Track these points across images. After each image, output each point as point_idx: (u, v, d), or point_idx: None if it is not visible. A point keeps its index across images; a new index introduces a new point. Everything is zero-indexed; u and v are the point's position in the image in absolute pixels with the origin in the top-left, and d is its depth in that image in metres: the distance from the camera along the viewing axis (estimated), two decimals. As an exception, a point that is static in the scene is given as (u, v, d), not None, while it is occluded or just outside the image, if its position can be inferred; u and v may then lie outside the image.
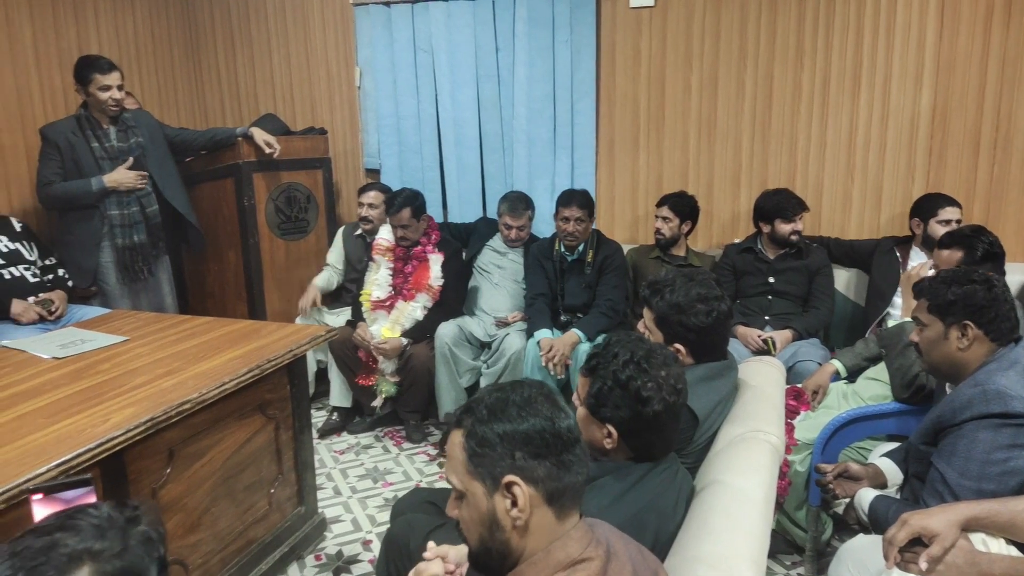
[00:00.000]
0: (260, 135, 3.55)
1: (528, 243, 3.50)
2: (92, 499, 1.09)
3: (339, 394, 3.50)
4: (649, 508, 1.39)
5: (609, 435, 1.42)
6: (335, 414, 3.52)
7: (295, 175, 3.82)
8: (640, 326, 1.91)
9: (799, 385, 2.56)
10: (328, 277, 3.77)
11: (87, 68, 3.13)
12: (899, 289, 2.85)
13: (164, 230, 3.43)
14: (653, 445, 1.43)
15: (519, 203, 3.44)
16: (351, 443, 3.38)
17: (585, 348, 3.02)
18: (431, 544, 1.29)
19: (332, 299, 3.83)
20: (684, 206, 3.31)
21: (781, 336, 2.94)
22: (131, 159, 3.20)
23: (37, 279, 3.06)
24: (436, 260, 3.41)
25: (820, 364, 2.71)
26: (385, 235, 3.49)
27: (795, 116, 3.41)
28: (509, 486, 1.05)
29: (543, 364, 3.01)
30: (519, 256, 3.51)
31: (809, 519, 2.28)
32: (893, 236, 3.15)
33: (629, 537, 1.20)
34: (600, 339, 2.93)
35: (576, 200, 3.21)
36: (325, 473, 3.06)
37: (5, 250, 3.02)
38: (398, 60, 3.96)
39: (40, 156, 3.20)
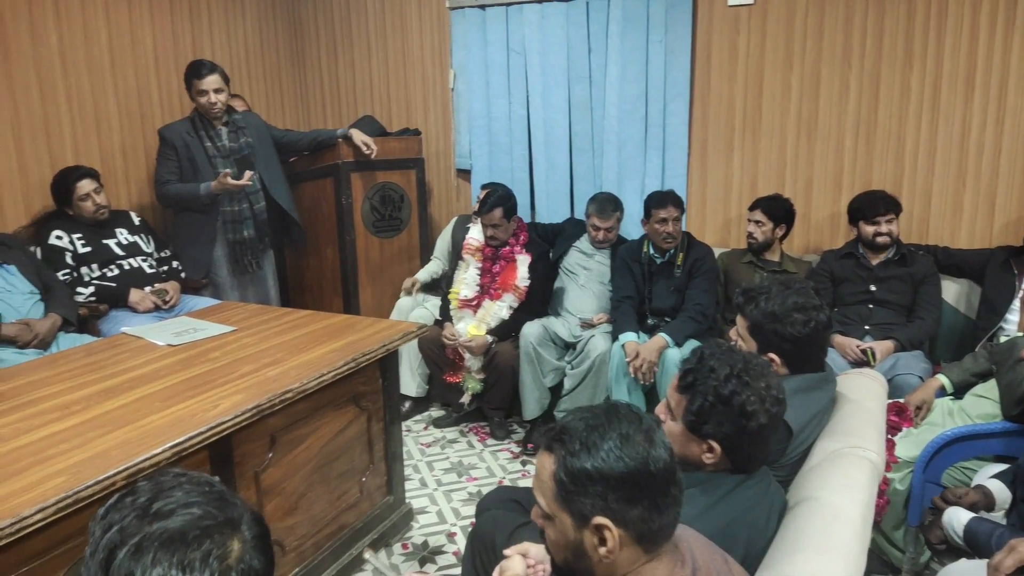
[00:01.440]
0: (359, 136, 3.68)
1: (616, 245, 3.49)
2: None
3: (409, 383, 3.61)
4: (740, 521, 1.36)
5: (711, 451, 1.40)
6: (406, 403, 3.62)
7: (390, 175, 3.94)
8: (732, 334, 1.88)
9: (901, 400, 2.45)
10: (433, 269, 3.86)
11: (189, 74, 3.34)
12: (1015, 304, 2.68)
13: (270, 226, 3.61)
14: (753, 458, 1.41)
15: (607, 204, 3.43)
16: (437, 437, 3.46)
17: (673, 353, 2.98)
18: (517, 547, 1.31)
19: (432, 288, 3.94)
20: (778, 209, 3.21)
21: (882, 347, 2.81)
22: (230, 171, 3.37)
23: (153, 270, 3.28)
24: (523, 261, 3.44)
25: (923, 378, 2.58)
26: (475, 235, 3.55)
27: (902, 118, 3.25)
28: (599, 527, 1.04)
29: (629, 371, 3.00)
30: (606, 258, 3.50)
31: (907, 540, 2.18)
32: (1008, 246, 2.95)
33: (715, 546, 1.19)
34: (688, 348, 2.92)
35: (670, 200, 3.18)
36: (412, 465, 3.15)
37: (125, 242, 3.25)
38: (491, 62, 4.02)
39: (158, 156, 3.43)
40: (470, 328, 3.38)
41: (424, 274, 3.86)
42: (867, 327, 2.95)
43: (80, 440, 1.65)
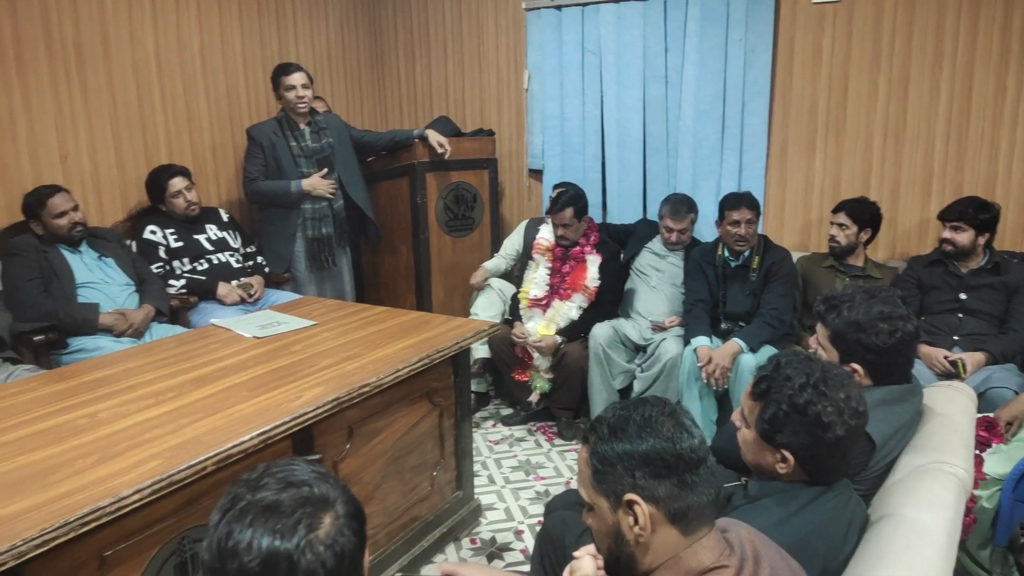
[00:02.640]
0: (434, 137, 3.75)
1: (689, 247, 3.44)
2: None
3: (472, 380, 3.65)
4: (817, 534, 1.33)
5: (784, 460, 1.37)
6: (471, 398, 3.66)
7: (464, 175, 4.00)
8: (812, 342, 1.83)
9: (991, 415, 2.33)
10: (498, 263, 3.90)
11: (277, 72, 3.49)
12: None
13: (347, 224, 3.72)
14: (831, 470, 1.37)
15: (681, 205, 3.38)
16: (505, 434, 3.49)
17: (747, 359, 2.92)
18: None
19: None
20: (863, 212, 3.11)
21: (972, 359, 2.68)
22: (326, 170, 3.50)
23: (239, 265, 3.43)
24: (594, 261, 3.43)
25: (1017, 392, 2.45)
26: (545, 235, 3.56)
27: (997, 121, 3.09)
28: (630, 504, 1.08)
29: (701, 376, 2.96)
30: (679, 260, 3.45)
31: (994, 560, 2.08)
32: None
33: (769, 540, 1.17)
34: (763, 354, 2.86)
35: (745, 201, 3.12)
36: (480, 461, 3.19)
37: (214, 237, 3.41)
38: (566, 62, 4.03)
39: (246, 154, 3.58)
40: (539, 328, 3.40)
41: (491, 264, 3.87)
42: (956, 337, 2.82)
43: (173, 426, 1.74)
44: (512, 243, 3.95)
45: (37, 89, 3.06)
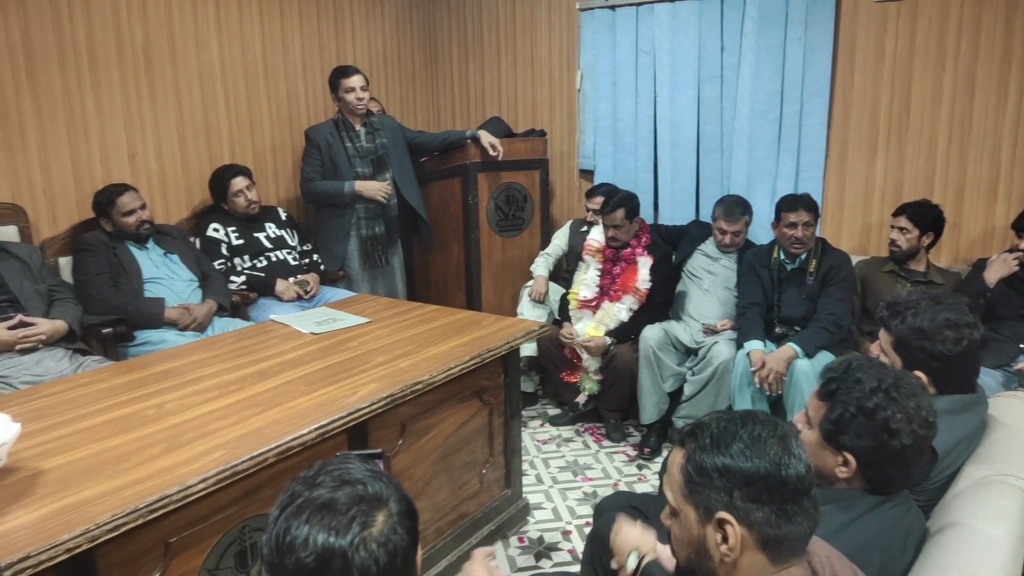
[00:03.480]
0: (486, 138, 3.78)
1: (743, 249, 3.39)
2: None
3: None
4: (874, 544, 1.31)
5: (845, 463, 1.35)
6: None
7: (515, 175, 4.02)
8: (874, 348, 1.79)
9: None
10: (546, 263, 3.91)
11: (336, 75, 3.56)
12: None
13: (400, 224, 3.78)
14: (892, 479, 1.34)
15: (736, 207, 3.34)
16: (553, 434, 3.50)
17: (802, 364, 2.87)
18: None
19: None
20: (926, 216, 3.01)
21: (1039, 369, 2.58)
22: (377, 179, 3.56)
23: (296, 262, 3.52)
24: (645, 263, 3.41)
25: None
26: (596, 236, 3.56)
27: (1073, 120, 2.97)
28: (721, 523, 1.04)
29: (753, 381, 2.91)
30: (732, 262, 3.41)
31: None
32: None
33: (844, 558, 1.15)
34: (819, 360, 2.80)
35: (802, 203, 3.05)
36: (528, 461, 3.21)
37: (273, 235, 3.50)
38: (619, 62, 4.01)
39: (304, 155, 3.67)
40: (588, 329, 3.40)
41: (541, 268, 3.88)
42: (1022, 346, 2.72)
43: (236, 418, 1.81)
44: (558, 242, 3.96)
45: (108, 92, 3.19)
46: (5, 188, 2.91)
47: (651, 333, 3.27)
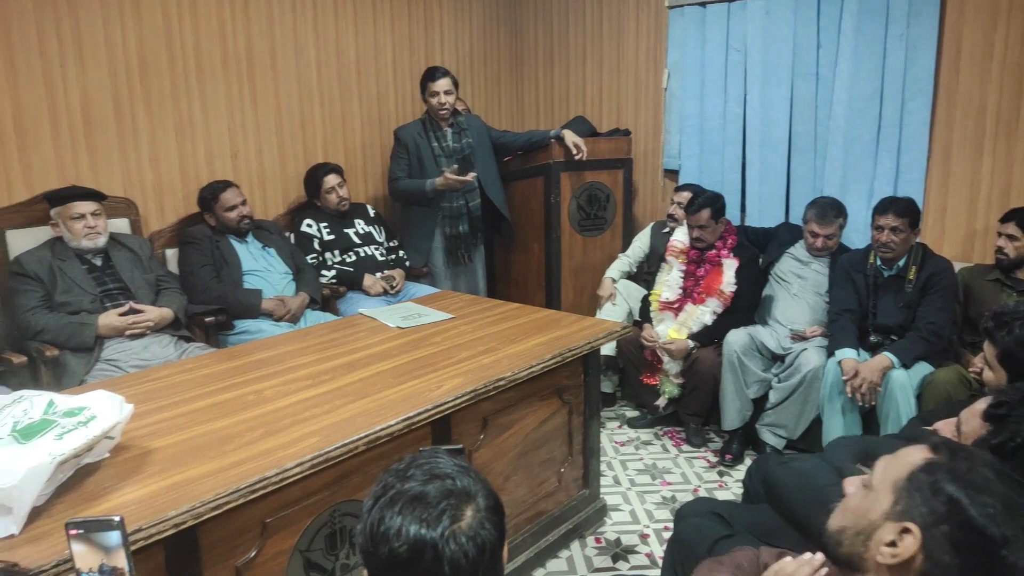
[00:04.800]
0: (570, 137, 3.79)
1: (836, 253, 3.27)
2: None
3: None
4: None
5: None
6: None
7: (598, 175, 4.01)
8: (978, 361, 1.70)
9: None
10: (622, 266, 3.89)
11: (424, 77, 3.65)
12: None
13: (483, 222, 3.84)
14: None
15: (829, 210, 3.22)
16: (631, 436, 3.48)
17: (898, 375, 2.74)
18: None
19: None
20: (1038, 223, 2.83)
21: None
22: (456, 167, 3.62)
23: (383, 258, 3.62)
24: (730, 265, 3.34)
25: None
26: (680, 236, 3.51)
27: None
28: (905, 531, 0.98)
29: (845, 390, 2.81)
30: (824, 266, 3.29)
31: None
32: None
33: None
34: (917, 371, 2.67)
35: (893, 208, 2.91)
36: (606, 462, 3.20)
37: (362, 232, 3.62)
38: (708, 60, 3.94)
39: (392, 154, 3.78)
40: (670, 331, 3.35)
41: (615, 272, 3.87)
42: None
43: (329, 406, 1.88)
44: (639, 245, 3.93)
45: (213, 95, 3.38)
46: (118, 183, 3.12)
47: (736, 337, 3.20)
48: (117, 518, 1.01)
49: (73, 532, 1.00)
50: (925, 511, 0.96)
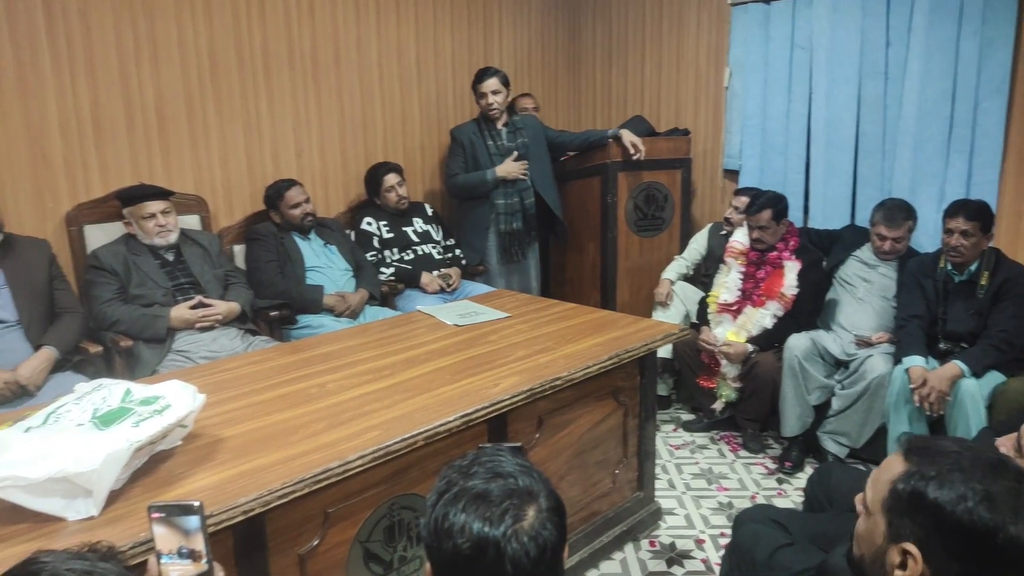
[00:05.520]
0: (628, 137, 3.76)
1: (904, 257, 3.16)
2: None
3: None
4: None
5: None
6: None
7: (656, 174, 3.97)
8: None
9: None
10: (679, 267, 3.85)
11: (475, 78, 3.68)
12: None
13: (537, 221, 3.84)
14: None
15: (898, 212, 3.12)
16: (686, 440, 3.44)
17: (968, 384, 2.64)
18: None
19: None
20: None
21: None
22: (515, 153, 3.65)
23: (440, 256, 3.66)
24: (792, 268, 3.27)
25: None
26: (740, 238, 3.45)
27: None
28: (905, 552, 0.98)
29: (912, 399, 2.72)
30: (891, 270, 3.19)
31: None
32: None
33: None
34: (988, 381, 2.57)
35: (964, 211, 2.80)
36: (661, 465, 3.16)
37: (420, 230, 3.67)
38: (772, 58, 3.86)
39: (448, 153, 3.82)
40: (728, 334, 3.30)
41: (672, 273, 3.83)
42: None
43: (389, 401, 1.92)
44: (695, 247, 3.87)
45: (280, 95, 3.47)
46: (189, 181, 3.24)
47: (797, 342, 3.13)
48: (197, 503, 1.05)
49: (155, 515, 1.04)
50: (915, 528, 0.97)
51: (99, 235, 2.93)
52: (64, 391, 2.04)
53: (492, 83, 3.63)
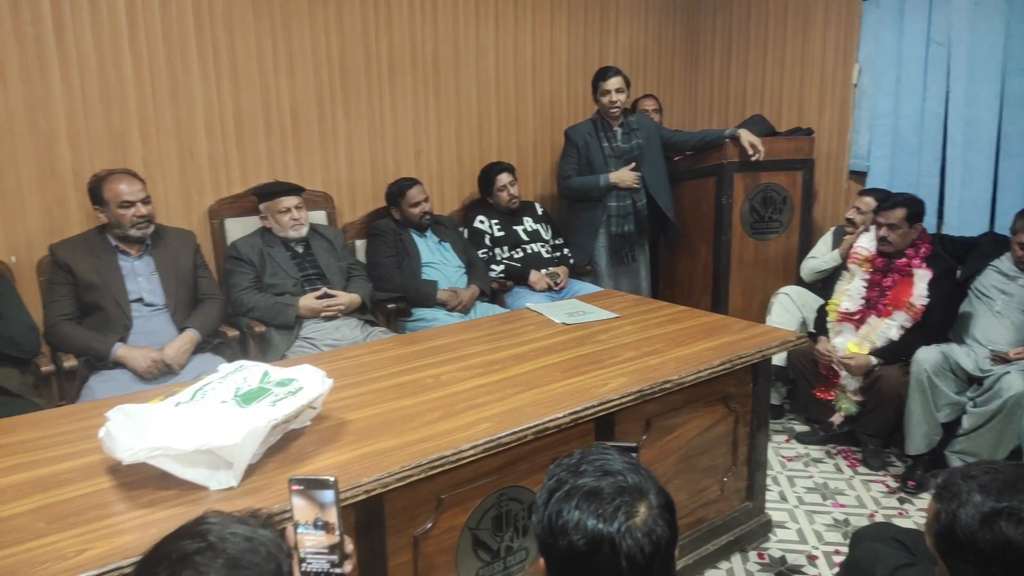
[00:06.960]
0: (747, 137, 3.66)
1: (1051, 269, 2.92)
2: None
3: None
4: None
5: None
6: None
7: (774, 176, 3.84)
8: None
9: None
10: (811, 268, 3.69)
11: (595, 77, 3.69)
12: None
13: (648, 222, 3.81)
14: None
15: (1044, 220, 2.88)
16: (800, 452, 3.31)
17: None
18: None
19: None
20: None
21: None
22: (634, 163, 3.64)
23: (549, 255, 3.71)
24: (922, 276, 3.08)
25: None
26: (865, 243, 3.28)
27: None
28: None
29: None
30: (1035, 283, 2.95)
31: None
32: None
33: None
34: None
35: None
36: (772, 476, 3.07)
37: (530, 229, 3.73)
38: (905, 55, 3.66)
39: (562, 153, 3.85)
40: (850, 345, 3.15)
41: (807, 272, 3.67)
42: None
43: (500, 395, 1.98)
44: (823, 249, 3.70)
45: (402, 96, 3.62)
46: (318, 179, 3.44)
47: (927, 355, 2.95)
48: (332, 478, 1.13)
49: (295, 487, 1.13)
50: (966, 567, 0.96)
51: (238, 228, 3.17)
52: (204, 371, 2.24)
53: (615, 81, 3.63)
